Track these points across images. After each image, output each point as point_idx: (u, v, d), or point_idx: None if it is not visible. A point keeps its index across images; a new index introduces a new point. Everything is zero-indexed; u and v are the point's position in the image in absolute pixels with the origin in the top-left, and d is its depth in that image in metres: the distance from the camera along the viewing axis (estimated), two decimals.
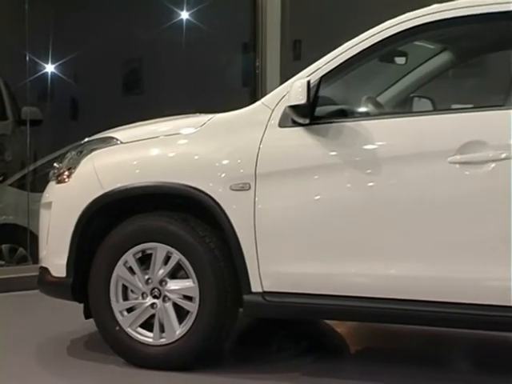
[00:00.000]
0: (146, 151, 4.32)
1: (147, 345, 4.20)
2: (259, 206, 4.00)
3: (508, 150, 3.65)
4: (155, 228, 4.20)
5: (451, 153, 3.74)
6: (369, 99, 4.33)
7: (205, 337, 4.11)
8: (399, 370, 4.28)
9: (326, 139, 3.97)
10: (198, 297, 4.09)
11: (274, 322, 5.09)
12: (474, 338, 4.82)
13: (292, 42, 8.25)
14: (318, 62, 4.07)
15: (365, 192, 3.91)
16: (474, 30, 4.35)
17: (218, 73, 8.26)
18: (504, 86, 3.83)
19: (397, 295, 3.86)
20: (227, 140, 4.16)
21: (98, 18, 7.63)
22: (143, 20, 7.90)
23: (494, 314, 3.71)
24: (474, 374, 4.49)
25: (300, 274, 3.99)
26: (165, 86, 7.95)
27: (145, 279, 4.20)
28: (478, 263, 3.73)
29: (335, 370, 4.35)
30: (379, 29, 4.01)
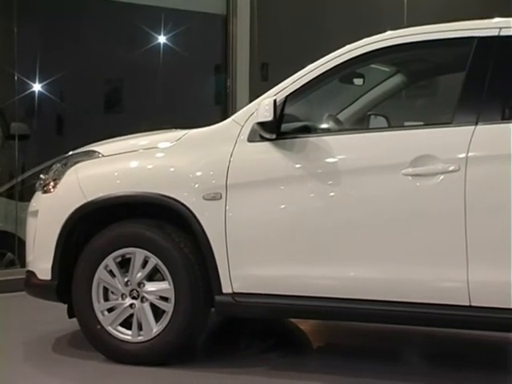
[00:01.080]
0: (125, 163, 4.30)
1: (126, 342, 4.18)
2: (229, 214, 4.00)
3: (455, 163, 3.69)
4: (134, 234, 4.18)
5: (404, 166, 3.76)
6: (330, 116, 4.36)
7: (179, 334, 4.10)
8: (360, 365, 4.29)
9: (291, 153, 3.98)
10: (173, 298, 4.08)
11: (243, 321, 5.08)
12: (432, 334, 4.84)
13: (260, 64, 8.26)
14: (283, 82, 4.09)
15: (326, 201, 3.93)
16: (424, 54, 4.40)
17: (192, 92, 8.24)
18: (452, 105, 3.86)
19: (356, 295, 3.87)
20: (200, 153, 4.16)
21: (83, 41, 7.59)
22: (124, 43, 7.88)
23: (449, 313, 3.74)
24: (431, 367, 4.51)
25: (267, 276, 3.99)
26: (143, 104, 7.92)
27: (124, 281, 4.18)
28: (431, 266, 3.75)
29: (301, 364, 4.35)
30: (339, 53, 4.04)
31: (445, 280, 3.75)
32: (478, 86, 3.77)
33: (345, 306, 3.90)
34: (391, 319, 4.00)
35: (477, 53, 3.82)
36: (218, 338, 4.97)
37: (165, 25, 8.00)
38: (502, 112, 3.77)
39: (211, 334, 4.92)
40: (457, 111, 3.80)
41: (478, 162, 3.67)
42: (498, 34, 3.82)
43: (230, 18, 7.86)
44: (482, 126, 3.71)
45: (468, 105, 3.78)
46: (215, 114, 7.86)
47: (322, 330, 5.09)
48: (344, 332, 5.03)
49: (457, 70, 4.18)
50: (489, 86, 3.76)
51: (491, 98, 3.75)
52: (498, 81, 3.78)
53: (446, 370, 4.26)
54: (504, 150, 3.68)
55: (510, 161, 3.64)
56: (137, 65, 7.88)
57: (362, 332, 4.96)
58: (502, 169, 3.65)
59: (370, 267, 3.85)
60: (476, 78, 3.80)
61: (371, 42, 4.01)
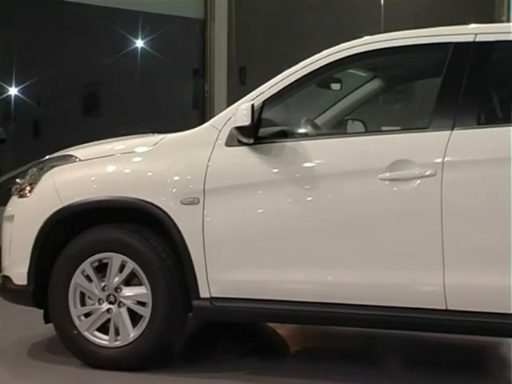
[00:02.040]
0: (103, 168, 4.28)
1: (103, 347, 4.16)
2: (207, 219, 4.00)
3: (432, 167, 3.71)
4: (111, 239, 4.16)
5: (381, 170, 3.78)
6: (307, 121, 4.37)
7: (157, 339, 4.09)
8: (338, 369, 4.29)
9: (269, 158, 3.98)
10: (150, 302, 4.07)
11: (221, 325, 5.08)
12: (409, 338, 4.86)
13: (238, 68, 8.27)
14: (261, 87, 4.09)
15: (304, 206, 3.94)
16: (401, 59, 4.43)
17: (170, 96, 8.23)
18: (428, 110, 3.89)
19: (333, 300, 3.88)
20: (178, 158, 4.15)
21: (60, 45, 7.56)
22: (102, 47, 7.86)
23: (426, 317, 3.75)
24: (408, 371, 4.54)
25: (245, 280, 3.99)
26: (121, 108, 7.91)
27: (101, 286, 4.16)
28: (408, 270, 3.77)
29: (278, 368, 4.35)
30: (316, 58, 4.05)
31: (421, 284, 3.77)
32: (454, 91, 3.80)
33: (322, 310, 3.90)
34: (369, 323, 4.00)
35: (453, 58, 3.85)
36: (196, 343, 4.96)
37: (142, 29, 8.00)
38: (477, 117, 3.80)
39: (189, 339, 4.91)
40: (433, 116, 3.83)
41: (454, 166, 3.69)
42: (474, 40, 3.85)
43: (207, 23, 7.88)
44: (458, 131, 3.74)
45: (444, 110, 3.80)
46: (193, 118, 7.86)
47: (300, 334, 5.10)
48: (322, 336, 5.04)
49: (433, 75, 4.21)
50: (465, 91, 3.78)
51: (467, 103, 3.78)
52: (474, 86, 3.81)
53: (423, 374, 4.28)
54: (480, 155, 3.71)
55: (486, 166, 3.67)
56: (115, 69, 7.87)
57: (340, 336, 4.97)
58: (478, 173, 3.68)
59: (348, 272, 3.86)
60: (452, 83, 3.82)
61: (348, 47, 4.03)
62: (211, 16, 7.84)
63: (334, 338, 4.98)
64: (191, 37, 8.06)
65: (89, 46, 7.80)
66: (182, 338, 4.60)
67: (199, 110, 8.06)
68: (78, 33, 7.67)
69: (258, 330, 5.16)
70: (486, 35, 3.87)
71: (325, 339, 5.01)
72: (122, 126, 6.75)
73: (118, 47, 7.92)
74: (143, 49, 8.01)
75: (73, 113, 7.86)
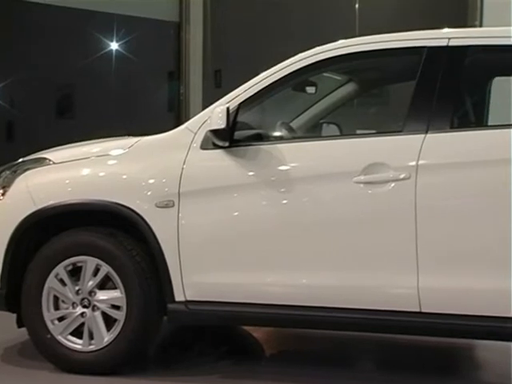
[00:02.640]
0: (77, 171, 4.26)
1: (77, 351, 4.14)
2: (182, 222, 3.99)
3: (406, 171, 3.73)
4: (85, 242, 4.14)
5: (356, 173, 3.80)
6: (283, 124, 4.38)
7: (131, 343, 4.07)
8: (313, 372, 4.30)
9: (244, 161, 3.98)
10: (125, 306, 4.05)
11: (197, 328, 5.07)
12: (382, 341, 4.88)
13: (213, 71, 8.27)
14: (236, 90, 4.09)
15: (279, 209, 3.94)
16: (375, 63, 4.45)
17: (145, 99, 8.21)
18: (402, 113, 3.91)
19: (308, 302, 3.89)
20: (153, 161, 4.14)
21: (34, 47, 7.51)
22: (77, 49, 7.82)
23: (400, 319, 3.78)
24: (383, 373, 4.56)
25: (220, 283, 3.99)
26: (96, 110, 7.87)
27: (75, 290, 4.14)
28: (383, 273, 3.79)
29: (253, 371, 4.35)
30: (291, 61, 4.06)
31: (396, 287, 3.78)
32: (428, 94, 3.83)
33: (297, 313, 3.91)
34: (343, 326, 4.02)
35: (426, 62, 3.88)
36: (171, 346, 4.95)
37: (117, 31, 7.97)
38: (451, 121, 3.83)
39: (164, 342, 4.89)
40: (407, 119, 3.85)
41: (428, 169, 3.72)
42: (447, 44, 3.88)
43: (182, 25, 7.87)
44: (431, 135, 3.76)
45: (418, 113, 3.83)
46: (168, 120, 7.84)
47: (275, 337, 5.10)
48: (297, 339, 5.04)
49: (407, 79, 4.23)
50: (438, 95, 3.81)
51: (441, 106, 3.80)
52: (447, 90, 3.84)
53: (395, 376, 4.30)
54: (453, 159, 3.74)
55: (459, 169, 3.70)
56: (89, 71, 7.83)
57: (315, 339, 4.98)
58: (452, 177, 3.71)
59: (323, 274, 3.87)
60: (426, 87, 3.85)
61: (323, 50, 4.04)
62: (186, 19, 7.84)
63: (309, 341, 4.99)
64: (166, 39, 8.05)
65: (63, 49, 7.75)
66: (157, 342, 4.58)
67: (174, 113, 8.05)
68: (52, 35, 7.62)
69: (232, 333, 5.15)
70: (460, 39, 3.90)
71: (300, 342, 5.01)
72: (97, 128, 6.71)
73: (93, 49, 7.89)
74: (118, 51, 7.98)
75: (47, 115, 7.81)
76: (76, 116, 8.05)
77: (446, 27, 4.04)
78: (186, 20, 7.84)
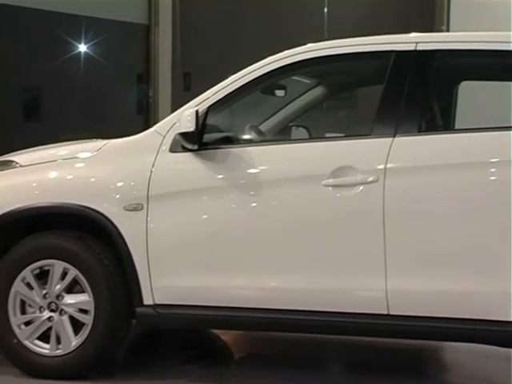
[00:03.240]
0: (44, 174, 4.23)
1: (44, 356, 4.10)
2: (151, 225, 3.97)
3: (374, 174, 3.75)
4: (53, 246, 4.11)
5: (325, 177, 3.81)
6: (252, 127, 4.38)
7: (99, 347, 4.04)
8: (281, 374, 4.32)
9: (213, 164, 3.98)
10: (93, 310, 4.03)
11: (165, 332, 5.05)
12: (350, 343, 4.90)
13: (183, 74, 8.25)
14: (206, 93, 4.09)
15: (248, 212, 3.94)
16: (344, 66, 4.47)
17: (114, 101, 8.17)
18: (370, 117, 3.93)
19: (277, 305, 3.89)
20: (122, 164, 4.12)
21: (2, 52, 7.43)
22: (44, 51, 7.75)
23: (368, 322, 3.79)
24: (350, 376, 4.58)
25: (188, 287, 3.98)
26: (64, 113, 7.81)
27: (42, 294, 4.10)
28: (351, 276, 3.80)
29: (221, 374, 4.36)
30: (261, 64, 4.06)
31: (364, 289, 3.80)
32: (396, 98, 3.85)
33: (266, 316, 3.91)
34: (312, 329, 4.03)
35: (394, 66, 3.90)
36: (139, 350, 4.92)
37: (86, 33, 7.92)
38: (418, 124, 3.86)
39: (132, 346, 4.87)
40: (375, 123, 3.87)
41: (396, 173, 3.74)
42: (415, 49, 3.91)
43: (151, 28, 7.85)
44: (399, 138, 3.78)
45: (386, 117, 3.85)
46: (137, 123, 7.80)
47: (244, 340, 5.10)
48: (265, 342, 5.05)
49: (376, 83, 4.26)
50: (406, 99, 3.83)
51: (408, 110, 3.83)
52: (415, 94, 3.87)
53: (364, 378, 4.32)
54: (421, 162, 3.76)
55: (427, 172, 3.73)
56: (57, 73, 7.77)
57: (283, 341, 4.98)
58: (420, 180, 3.73)
59: (292, 277, 3.88)
60: (394, 91, 3.87)
61: (292, 54, 4.05)
62: (155, 21, 7.82)
63: (278, 344, 5.00)
64: (135, 42, 8.02)
65: (31, 51, 7.69)
66: (125, 345, 4.56)
67: (143, 116, 8.02)
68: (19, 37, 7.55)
69: (201, 337, 5.14)
70: (427, 44, 3.93)
71: (268, 345, 5.02)
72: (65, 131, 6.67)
73: (61, 52, 7.83)
74: (86, 53, 7.93)
75: (13, 118, 7.73)
76: (43, 119, 7.98)
77: (413, 32, 4.07)
78: (155, 22, 7.82)
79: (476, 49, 3.92)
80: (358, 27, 6.14)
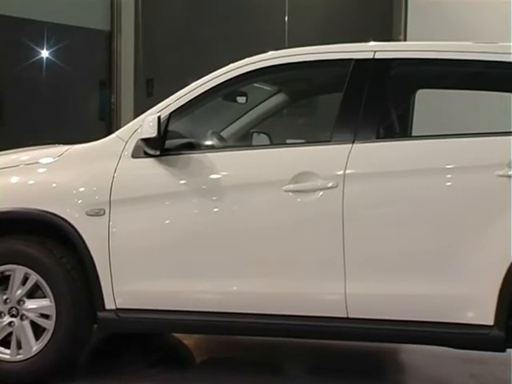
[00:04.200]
0: (6, 179, 4.17)
1: (4, 361, 4.05)
2: (113, 230, 3.95)
3: (334, 179, 3.77)
4: (13, 251, 4.06)
5: (285, 182, 3.82)
6: (213, 134, 4.38)
7: (60, 352, 4.00)
8: (242, 378, 4.31)
9: (175, 169, 3.96)
10: (54, 315, 3.99)
11: (127, 336, 5.01)
12: (310, 346, 4.91)
13: (145, 80, 8.22)
14: (168, 99, 4.08)
15: (210, 217, 3.93)
16: (304, 74, 4.49)
17: (76, 107, 8.10)
18: (330, 123, 3.95)
19: (238, 309, 3.89)
20: (84, 169, 4.08)
21: None
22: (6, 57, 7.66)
23: (328, 325, 3.80)
24: (310, 378, 4.58)
25: (150, 291, 3.96)
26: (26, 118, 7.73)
27: (3, 299, 4.05)
28: (311, 280, 3.81)
29: (184, 378, 4.34)
30: (222, 71, 4.07)
31: (324, 293, 3.81)
32: (355, 105, 3.88)
33: (227, 320, 3.91)
34: (273, 332, 4.03)
35: (353, 74, 3.93)
36: (101, 354, 4.88)
37: (48, 39, 7.84)
38: (377, 131, 3.89)
39: (94, 350, 4.82)
40: (335, 130, 3.89)
41: (354, 178, 3.76)
42: (373, 57, 3.94)
43: (114, 34, 7.81)
44: (358, 145, 3.81)
45: (345, 123, 3.87)
46: (99, 129, 7.75)
47: (206, 344, 5.09)
48: (226, 346, 5.04)
49: (335, 90, 4.28)
50: (365, 106, 3.86)
51: (367, 117, 3.86)
52: (373, 101, 3.90)
53: (323, 381, 4.33)
54: (379, 168, 3.79)
55: (385, 178, 3.76)
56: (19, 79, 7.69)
57: (244, 345, 4.98)
58: (378, 185, 3.76)
59: (253, 282, 3.88)
60: (353, 98, 3.90)
61: (254, 61, 4.06)
62: (118, 28, 7.78)
63: (239, 348, 4.99)
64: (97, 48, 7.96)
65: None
66: (87, 350, 4.52)
67: (105, 122, 7.96)
68: None
69: (163, 341, 5.12)
70: (385, 52, 3.97)
71: (230, 349, 5.01)
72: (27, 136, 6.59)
73: (23, 57, 7.75)
74: (49, 59, 7.86)
75: None
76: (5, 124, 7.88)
77: (372, 41, 4.10)
78: (118, 29, 7.78)
79: (432, 58, 3.96)
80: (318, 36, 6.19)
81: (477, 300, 3.64)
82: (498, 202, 3.64)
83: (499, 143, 3.74)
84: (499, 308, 3.61)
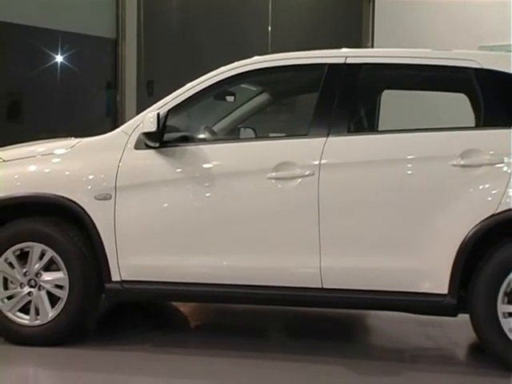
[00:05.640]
0: (25, 168, 4.14)
1: (25, 326, 4.03)
2: (118, 213, 3.93)
3: (310, 168, 3.77)
4: (32, 230, 4.04)
5: (268, 171, 3.81)
6: (206, 128, 4.36)
7: (73, 318, 4.00)
8: (232, 339, 4.30)
9: (173, 159, 3.95)
10: (67, 286, 3.98)
11: (130, 304, 5.00)
12: (291, 313, 4.92)
13: (146, 82, 8.17)
14: (166, 98, 4.06)
15: (202, 201, 3.92)
16: (285, 76, 4.47)
17: (86, 105, 8.06)
18: (307, 120, 3.94)
19: (227, 281, 3.89)
20: (92, 159, 4.06)
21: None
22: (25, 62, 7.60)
23: (305, 294, 3.81)
24: (289, 340, 4.59)
25: (151, 265, 3.95)
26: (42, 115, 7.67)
27: (23, 272, 4.03)
28: (290, 255, 3.81)
29: (180, 340, 4.33)
30: (213, 74, 4.05)
31: (301, 267, 3.82)
32: (329, 104, 3.87)
33: (218, 290, 3.91)
34: (257, 301, 4.05)
35: (327, 76, 3.92)
36: (108, 320, 4.87)
37: (62, 46, 7.79)
38: (348, 126, 3.89)
39: (102, 317, 4.81)
40: (312, 125, 3.89)
41: (328, 167, 3.76)
42: (345, 62, 3.94)
43: (119, 41, 7.76)
44: (332, 138, 3.81)
45: (321, 119, 3.87)
46: (106, 124, 7.70)
47: (199, 311, 5.08)
48: (217, 312, 5.04)
49: (312, 91, 4.26)
50: (337, 104, 3.86)
51: (339, 114, 3.86)
52: (345, 100, 3.89)
53: (302, 342, 4.34)
54: (350, 158, 3.79)
55: (355, 167, 3.76)
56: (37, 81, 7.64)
57: (233, 312, 4.98)
58: (349, 173, 3.77)
59: (240, 257, 3.88)
60: (327, 97, 3.89)
61: (241, 65, 4.04)
62: (122, 36, 7.73)
63: (228, 314, 4.99)
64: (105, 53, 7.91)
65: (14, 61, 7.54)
66: (96, 317, 4.51)
67: (111, 118, 7.92)
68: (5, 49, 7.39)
69: (162, 308, 5.11)
70: (355, 58, 3.96)
71: (220, 315, 5.01)
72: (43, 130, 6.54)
73: (40, 62, 7.69)
74: (62, 63, 7.80)
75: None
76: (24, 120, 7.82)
77: (344, 47, 4.09)
78: (122, 37, 7.73)
79: (396, 63, 3.97)
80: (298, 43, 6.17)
81: (433, 273, 3.66)
82: (452, 188, 3.65)
83: (454, 137, 3.76)
84: (452, 279, 3.63)
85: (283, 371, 3.75)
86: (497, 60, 3.85)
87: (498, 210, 3.57)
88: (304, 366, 3.81)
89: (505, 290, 3.59)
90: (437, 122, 4.12)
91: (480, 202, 3.60)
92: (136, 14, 7.92)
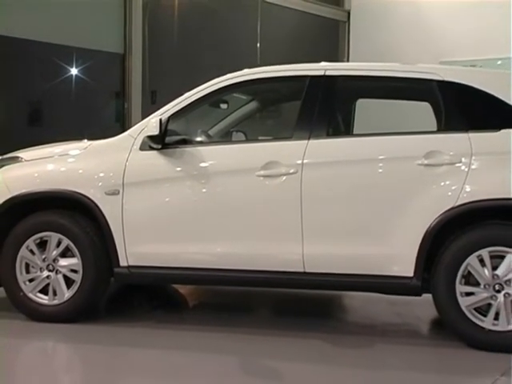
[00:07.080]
0: (44, 166, 4.13)
1: (44, 305, 4.03)
2: (126, 206, 3.93)
3: (294, 167, 3.76)
4: (50, 221, 4.02)
5: (257, 169, 3.81)
6: (202, 132, 4.35)
7: (86, 298, 3.99)
8: (226, 317, 4.30)
9: (173, 159, 3.94)
10: (81, 270, 3.97)
11: (136, 287, 4.99)
12: (277, 294, 4.92)
13: (150, 91, 8.15)
14: (167, 105, 4.05)
15: (200, 196, 3.92)
16: (272, 86, 4.47)
17: (97, 112, 8.03)
18: (291, 124, 3.94)
19: (222, 266, 3.89)
20: (103, 159, 4.05)
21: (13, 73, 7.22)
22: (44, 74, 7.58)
23: (290, 278, 3.81)
24: (276, 317, 4.59)
25: (154, 253, 3.95)
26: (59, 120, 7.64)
27: (42, 258, 4.02)
28: (276, 243, 3.81)
29: (180, 318, 4.34)
30: (209, 84, 4.05)
31: (286, 253, 3.82)
32: (310, 111, 3.87)
33: (214, 274, 3.90)
34: (247, 283, 4.05)
35: (309, 87, 3.92)
36: (117, 301, 4.85)
37: (76, 60, 7.76)
38: (326, 130, 3.90)
39: (111, 298, 4.79)
40: (295, 129, 3.89)
41: (310, 166, 3.77)
42: (324, 74, 3.94)
43: (126, 56, 7.74)
44: (313, 140, 3.81)
45: (303, 124, 3.87)
46: (115, 129, 7.67)
47: (197, 292, 5.08)
48: (213, 294, 5.03)
49: (295, 99, 4.25)
50: (318, 111, 3.86)
51: (319, 120, 3.86)
52: (324, 107, 3.90)
53: (287, 319, 4.35)
54: (329, 158, 3.80)
55: (334, 166, 3.77)
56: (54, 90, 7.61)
57: (227, 293, 4.98)
58: (328, 172, 3.77)
59: (232, 244, 3.87)
60: (308, 105, 3.89)
61: (233, 76, 4.04)
62: (129, 51, 7.72)
63: (223, 295, 4.99)
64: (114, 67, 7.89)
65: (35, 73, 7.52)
66: (106, 297, 4.49)
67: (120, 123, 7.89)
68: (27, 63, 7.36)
69: (164, 290, 5.10)
70: (333, 70, 3.97)
71: (215, 296, 5.00)
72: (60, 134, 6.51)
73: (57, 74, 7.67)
74: (77, 75, 7.78)
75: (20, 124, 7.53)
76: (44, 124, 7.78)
77: (323, 61, 4.09)
78: (129, 51, 7.71)
79: (369, 75, 3.97)
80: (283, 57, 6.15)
81: (401, 258, 3.67)
82: (418, 185, 3.66)
83: (419, 140, 3.77)
84: (417, 264, 3.64)
85: (271, 345, 3.74)
86: (456, 73, 3.86)
87: (456, 204, 3.59)
88: (288, 341, 3.81)
89: (462, 273, 3.61)
90: (404, 126, 4.12)
91: (441, 197, 3.61)
92: (141, 31, 7.91)
